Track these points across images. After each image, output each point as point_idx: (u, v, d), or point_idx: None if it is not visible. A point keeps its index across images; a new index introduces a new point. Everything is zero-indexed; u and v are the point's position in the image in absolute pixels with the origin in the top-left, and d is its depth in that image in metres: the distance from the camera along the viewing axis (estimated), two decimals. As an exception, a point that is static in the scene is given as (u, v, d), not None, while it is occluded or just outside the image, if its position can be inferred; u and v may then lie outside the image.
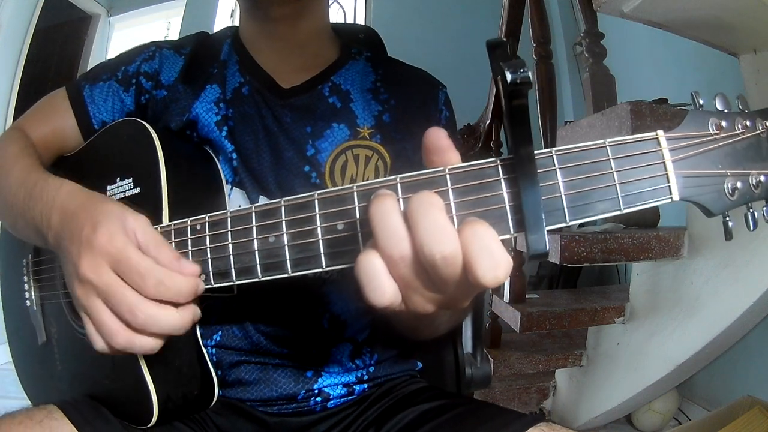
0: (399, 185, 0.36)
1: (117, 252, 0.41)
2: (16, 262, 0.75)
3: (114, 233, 0.42)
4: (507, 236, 0.35)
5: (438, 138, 0.36)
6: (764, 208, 0.38)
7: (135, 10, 3.68)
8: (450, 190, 0.35)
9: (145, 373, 0.53)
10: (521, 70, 0.32)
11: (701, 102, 0.37)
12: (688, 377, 1.66)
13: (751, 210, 0.38)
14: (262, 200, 0.64)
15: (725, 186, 0.36)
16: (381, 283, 0.33)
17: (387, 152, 0.67)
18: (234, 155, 0.64)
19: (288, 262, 0.40)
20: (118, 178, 0.58)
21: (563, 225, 0.35)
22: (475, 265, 0.31)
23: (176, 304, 0.43)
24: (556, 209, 0.34)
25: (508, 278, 1.71)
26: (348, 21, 3.87)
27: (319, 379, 0.65)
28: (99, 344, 0.43)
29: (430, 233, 0.31)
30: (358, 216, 0.37)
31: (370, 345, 0.68)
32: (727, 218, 0.38)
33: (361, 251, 0.33)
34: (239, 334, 0.63)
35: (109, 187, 0.59)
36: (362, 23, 3.82)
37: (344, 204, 0.38)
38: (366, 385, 0.68)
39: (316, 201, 0.38)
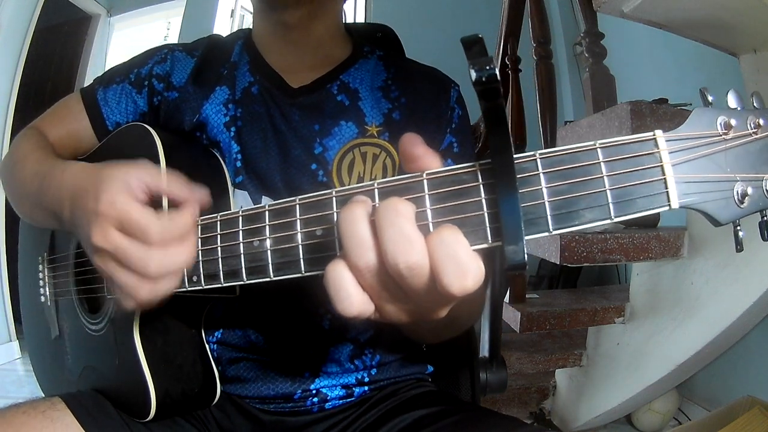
0: (376, 191, 0.35)
1: (119, 213, 0.42)
2: (33, 259, 0.77)
3: (115, 196, 0.43)
4: (484, 245, 0.33)
5: (412, 146, 0.35)
6: None
7: (135, 10, 3.67)
8: (427, 196, 0.34)
9: (144, 369, 0.55)
10: (487, 68, 0.30)
11: (711, 99, 0.34)
12: (688, 377, 1.66)
13: (765, 218, 0.34)
14: (266, 201, 0.64)
15: (734, 192, 0.33)
16: (349, 293, 0.32)
17: (395, 150, 0.66)
18: (239, 156, 0.64)
19: (270, 266, 0.40)
20: None
21: (546, 234, 0.32)
22: (441, 273, 0.30)
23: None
24: (539, 217, 0.32)
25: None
26: (348, 21, 3.86)
27: (317, 380, 0.64)
28: (129, 303, 0.44)
29: (394, 242, 0.30)
30: (335, 221, 0.37)
31: (373, 346, 0.68)
32: (738, 227, 0.34)
33: (330, 262, 0.33)
34: (239, 333, 0.64)
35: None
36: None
37: (324, 209, 0.37)
38: (367, 388, 0.67)
39: (298, 206, 0.38)
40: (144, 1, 3.65)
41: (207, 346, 0.62)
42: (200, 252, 0.44)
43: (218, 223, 0.43)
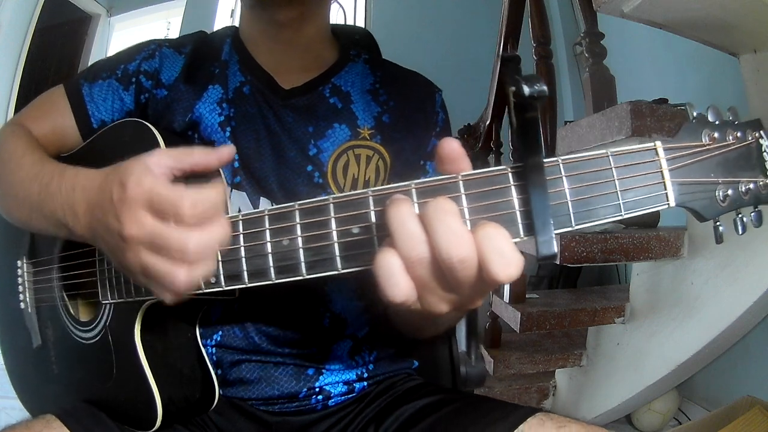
0: (414, 191, 0.38)
1: (147, 192, 0.40)
2: (9, 264, 0.73)
3: (140, 177, 0.41)
4: (517, 239, 0.37)
5: (452, 148, 0.37)
6: (752, 214, 0.41)
7: (135, 10, 3.67)
8: (463, 196, 0.37)
9: (148, 376, 0.53)
10: (537, 85, 0.34)
11: (695, 114, 0.40)
12: (688, 377, 1.66)
13: (740, 215, 0.41)
14: (263, 202, 0.64)
15: (717, 193, 0.39)
16: (398, 280, 0.35)
17: (387, 152, 0.67)
18: (236, 156, 0.64)
19: (303, 264, 0.40)
20: None
21: (569, 229, 0.37)
22: (489, 265, 0.33)
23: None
24: (563, 214, 0.37)
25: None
26: (348, 21, 3.87)
27: (320, 377, 0.65)
28: (167, 297, 0.42)
29: (446, 238, 0.33)
30: (373, 220, 0.38)
31: (370, 342, 0.69)
32: (718, 223, 0.40)
33: (378, 251, 0.35)
34: (240, 335, 0.63)
35: None
36: (362, 24, 3.82)
37: (359, 208, 0.39)
38: (366, 383, 0.68)
39: (332, 205, 0.39)
40: (144, 1, 3.66)
41: (205, 349, 0.62)
42: (219, 252, 0.43)
43: (240, 222, 0.43)
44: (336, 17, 3.91)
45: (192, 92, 0.66)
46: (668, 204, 0.38)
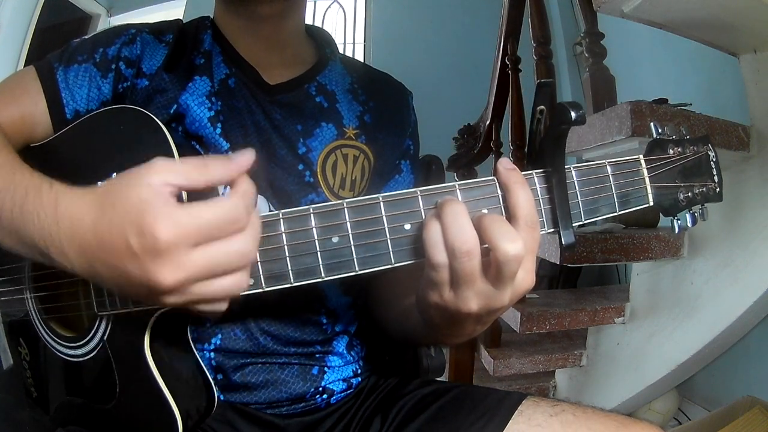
0: (458, 190, 0.42)
1: (192, 231, 0.35)
2: None
3: (173, 217, 0.35)
4: (542, 231, 0.43)
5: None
6: (699, 210, 0.51)
7: (135, 10, 3.67)
8: (500, 196, 0.43)
9: (163, 390, 0.49)
10: (580, 111, 0.41)
11: (659, 130, 0.50)
12: (688, 377, 1.66)
13: (691, 211, 0.50)
14: (260, 201, 0.63)
15: (679, 195, 0.49)
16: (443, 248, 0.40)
17: (371, 152, 0.69)
18: (230, 152, 0.61)
19: (355, 261, 0.42)
20: (115, 175, 0.49)
21: (580, 223, 0.45)
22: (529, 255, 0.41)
23: None
24: (575, 211, 0.45)
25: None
26: (348, 21, 3.87)
27: (324, 376, 0.66)
28: (223, 308, 0.41)
29: (500, 235, 0.38)
30: (424, 217, 0.42)
31: (360, 337, 0.72)
32: (677, 219, 0.50)
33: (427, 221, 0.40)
34: (243, 336, 0.62)
35: (100, 185, 0.49)
36: (362, 24, 3.82)
37: (411, 207, 0.42)
38: (360, 378, 0.70)
39: (382, 204, 0.42)
40: (144, 1, 3.66)
41: (202, 354, 0.60)
42: (258, 253, 0.41)
43: (281, 221, 0.42)
44: (336, 17, 3.91)
45: (176, 83, 0.63)
46: (649, 203, 0.48)
